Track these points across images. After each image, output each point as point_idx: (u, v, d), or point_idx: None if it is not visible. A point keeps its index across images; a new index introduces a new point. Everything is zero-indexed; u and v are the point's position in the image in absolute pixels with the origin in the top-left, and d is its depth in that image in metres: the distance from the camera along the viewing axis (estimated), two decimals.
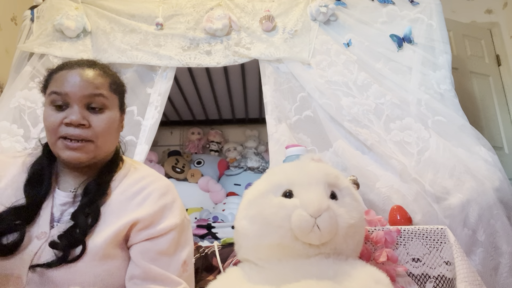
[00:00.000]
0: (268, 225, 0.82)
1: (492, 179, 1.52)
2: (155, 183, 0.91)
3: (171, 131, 2.97)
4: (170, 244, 0.85)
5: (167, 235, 0.85)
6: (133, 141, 1.68)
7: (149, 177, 0.93)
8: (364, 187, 1.54)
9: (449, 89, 1.78)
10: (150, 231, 0.84)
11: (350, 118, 1.68)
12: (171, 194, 0.92)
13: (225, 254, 1.18)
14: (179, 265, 0.85)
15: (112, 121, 0.89)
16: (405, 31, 1.87)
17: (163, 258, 0.84)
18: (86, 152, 0.84)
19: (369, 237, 1.11)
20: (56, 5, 1.86)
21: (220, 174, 2.68)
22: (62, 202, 0.86)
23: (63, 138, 0.83)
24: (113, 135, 0.91)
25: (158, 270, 0.82)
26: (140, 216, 0.84)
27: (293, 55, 1.79)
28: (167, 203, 0.89)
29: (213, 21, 1.79)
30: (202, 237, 1.77)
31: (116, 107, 0.92)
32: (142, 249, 0.83)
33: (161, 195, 0.89)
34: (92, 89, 0.85)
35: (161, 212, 0.87)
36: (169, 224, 0.86)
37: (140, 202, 0.87)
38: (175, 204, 0.91)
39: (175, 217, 0.88)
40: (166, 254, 0.84)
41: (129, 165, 0.96)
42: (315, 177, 0.85)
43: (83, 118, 0.84)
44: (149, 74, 1.80)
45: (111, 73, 0.93)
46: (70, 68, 0.87)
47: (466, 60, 2.60)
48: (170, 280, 0.82)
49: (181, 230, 0.89)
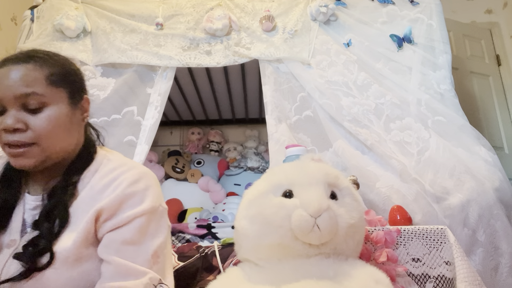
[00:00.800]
0: (268, 225, 0.82)
1: (492, 179, 1.52)
2: (127, 172, 0.84)
3: (171, 131, 2.97)
4: (135, 232, 0.78)
5: (132, 223, 0.78)
6: (133, 141, 1.68)
7: (121, 167, 0.85)
8: (364, 187, 1.54)
9: (449, 89, 1.78)
10: (114, 221, 0.78)
11: (350, 118, 1.68)
12: (144, 181, 0.84)
13: (225, 254, 1.18)
14: (148, 255, 0.78)
15: (56, 118, 0.79)
16: (405, 31, 1.87)
17: (128, 248, 0.77)
18: (31, 157, 0.77)
19: (369, 237, 1.11)
20: (56, 5, 1.86)
21: (220, 174, 2.68)
22: (32, 206, 0.81)
23: (7, 145, 0.77)
24: (62, 132, 0.81)
25: (121, 261, 0.75)
26: (103, 205, 0.78)
27: (293, 55, 1.79)
28: (136, 190, 0.81)
29: (213, 21, 1.79)
30: (202, 237, 1.77)
31: (62, 100, 0.81)
32: (106, 242, 0.77)
33: (132, 183, 0.81)
34: (22, 89, 0.76)
35: (127, 199, 0.79)
36: (135, 211, 0.79)
37: (109, 194, 0.80)
38: (147, 191, 0.83)
39: (145, 204, 0.80)
40: (131, 244, 0.77)
41: (101, 158, 0.88)
42: (315, 177, 0.85)
43: (18, 121, 0.75)
44: (149, 74, 1.80)
45: (51, 62, 0.82)
46: (3, 66, 0.78)
47: (466, 60, 2.60)
48: (135, 271, 0.75)
49: (151, 218, 0.81)
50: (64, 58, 0.87)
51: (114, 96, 1.74)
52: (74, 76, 0.87)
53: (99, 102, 1.71)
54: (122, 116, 1.72)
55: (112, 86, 1.75)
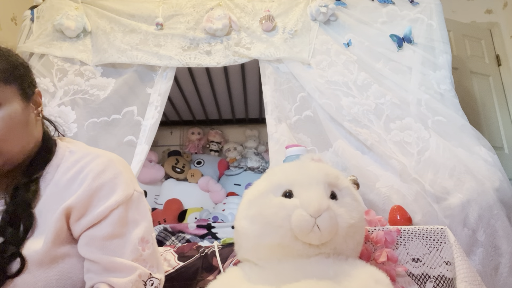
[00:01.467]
0: (268, 225, 0.82)
1: (492, 179, 1.52)
2: (92, 162, 0.79)
3: (171, 131, 2.97)
4: (115, 225, 0.75)
5: (110, 216, 0.75)
6: (133, 141, 1.68)
7: (85, 158, 0.80)
8: (364, 187, 1.54)
9: (449, 89, 1.78)
10: (89, 217, 0.74)
11: (350, 118, 1.68)
12: (112, 169, 0.79)
13: (225, 254, 1.18)
14: (135, 245, 0.76)
15: (11, 118, 0.74)
16: (405, 31, 1.87)
17: (112, 243, 0.74)
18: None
19: (369, 237, 1.11)
20: (56, 5, 1.86)
21: (220, 174, 2.68)
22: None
23: None
24: (19, 131, 0.76)
25: (107, 258, 0.72)
26: (72, 202, 0.74)
27: (293, 55, 1.79)
28: (104, 181, 0.77)
29: (213, 21, 1.79)
30: (202, 237, 1.77)
31: (15, 97, 0.77)
32: (87, 241, 0.74)
33: (98, 174, 0.77)
34: None
35: (97, 192, 0.76)
36: (110, 204, 0.75)
37: (76, 189, 0.76)
38: (117, 179, 0.79)
39: (117, 194, 0.77)
40: (114, 237, 0.74)
41: (63, 151, 0.84)
42: (315, 177, 0.85)
43: None
44: (149, 74, 1.80)
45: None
46: None
47: (466, 60, 2.60)
48: (123, 267, 0.73)
49: (129, 206, 0.78)
50: (8, 50, 0.81)
51: (114, 96, 1.74)
52: (22, 70, 0.81)
53: (99, 102, 1.71)
54: (122, 116, 1.72)
55: (112, 86, 1.75)
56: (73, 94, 1.71)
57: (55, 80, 1.74)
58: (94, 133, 1.67)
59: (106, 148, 1.65)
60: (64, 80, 1.74)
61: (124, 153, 1.64)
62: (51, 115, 1.64)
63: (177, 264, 1.15)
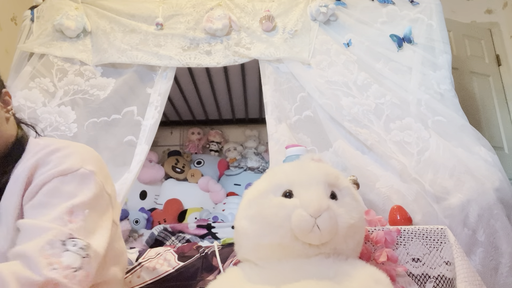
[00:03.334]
0: (268, 225, 0.82)
1: (492, 179, 1.52)
2: (50, 147, 0.80)
3: (171, 131, 2.97)
4: (46, 195, 0.73)
5: (44, 188, 0.74)
6: (133, 141, 1.68)
7: (46, 148, 0.80)
8: (364, 187, 1.54)
9: (449, 89, 1.78)
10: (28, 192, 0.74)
11: (350, 118, 1.68)
12: (66, 149, 0.79)
13: (225, 254, 1.18)
14: (60, 213, 0.71)
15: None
16: (405, 31, 1.87)
17: (36, 211, 0.72)
18: None
19: (369, 237, 1.11)
20: (56, 5, 1.86)
21: (220, 174, 2.68)
22: None
23: None
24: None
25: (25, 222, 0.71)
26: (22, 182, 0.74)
27: (293, 55, 1.79)
28: (52, 158, 0.77)
29: (213, 21, 1.79)
30: (202, 237, 1.77)
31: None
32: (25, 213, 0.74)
33: (49, 153, 0.78)
34: None
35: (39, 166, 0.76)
36: (45, 176, 0.74)
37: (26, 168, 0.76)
38: (66, 158, 0.78)
39: (58, 168, 0.76)
40: (39, 206, 0.73)
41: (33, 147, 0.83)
42: (315, 177, 0.85)
43: None
44: (149, 74, 1.80)
45: None
46: None
47: (466, 60, 2.60)
48: (37, 228, 0.69)
49: (68, 179, 0.76)
50: None
51: (114, 96, 1.74)
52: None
53: (99, 102, 1.71)
54: (122, 116, 1.72)
55: (112, 86, 1.75)
56: (73, 94, 1.72)
57: (55, 80, 1.74)
58: (94, 133, 1.67)
59: (106, 148, 1.66)
60: (64, 80, 1.74)
61: (124, 153, 1.64)
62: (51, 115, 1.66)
63: (177, 264, 1.15)
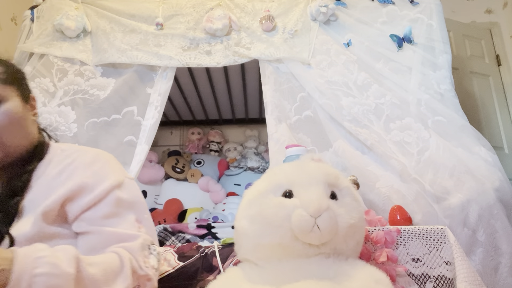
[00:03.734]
0: (268, 225, 0.82)
1: (492, 179, 1.52)
2: (82, 156, 0.88)
3: (171, 131, 2.97)
4: (112, 205, 0.82)
5: (107, 198, 0.82)
6: (133, 141, 1.68)
7: (75, 153, 0.89)
8: (364, 187, 1.54)
9: (449, 89, 1.78)
10: (86, 200, 0.81)
11: (350, 118, 1.68)
12: (101, 160, 0.89)
13: (225, 254, 1.18)
14: (132, 222, 0.83)
15: (12, 113, 0.84)
16: (405, 31, 1.87)
17: (111, 220, 0.81)
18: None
19: (369, 237, 1.11)
20: (56, 5, 1.86)
21: (220, 174, 2.68)
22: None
23: None
24: (18, 127, 0.85)
25: (110, 229, 0.79)
26: (69, 189, 0.81)
27: (293, 55, 1.79)
28: (96, 169, 0.86)
29: (213, 21, 1.79)
30: (202, 237, 1.77)
31: (15, 97, 0.86)
32: (84, 218, 0.81)
33: (88, 164, 0.86)
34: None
35: (91, 180, 0.83)
36: (104, 188, 0.83)
37: (65, 179, 0.83)
38: (106, 167, 0.88)
39: (110, 179, 0.85)
40: (112, 216, 0.81)
41: (55, 149, 0.92)
42: (315, 177, 0.85)
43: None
44: (149, 74, 1.80)
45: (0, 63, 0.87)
46: None
47: (466, 60, 2.60)
48: (127, 235, 0.79)
49: (122, 189, 0.86)
50: (7, 59, 0.91)
51: (114, 96, 1.74)
52: (21, 75, 0.92)
53: (99, 102, 1.71)
54: (122, 116, 1.72)
55: (112, 86, 1.75)
56: (73, 94, 1.72)
57: (55, 80, 1.74)
58: (94, 133, 1.67)
59: (106, 148, 1.65)
60: (64, 80, 1.74)
61: (124, 153, 1.64)
62: (51, 115, 1.65)
63: (177, 264, 1.15)
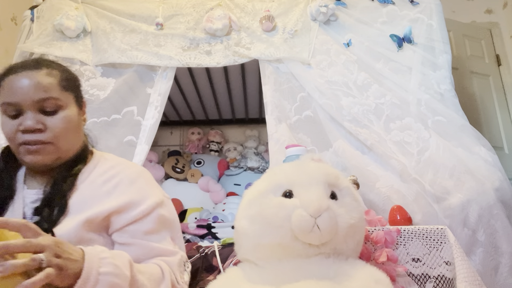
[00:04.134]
0: (268, 225, 0.82)
1: (492, 179, 1.52)
2: (125, 170, 0.93)
3: (171, 131, 2.97)
4: (155, 222, 0.87)
5: (151, 215, 0.87)
6: (133, 141, 1.68)
7: (119, 166, 0.94)
8: (364, 187, 1.54)
9: (449, 89, 1.77)
10: (130, 215, 0.85)
11: (350, 118, 1.68)
12: (143, 178, 0.94)
13: (225, 254, 1.18)
14: (169, 240, 0.89)
15: (69, 119, 0.88)
16: (405, 31, 1.87)
17: (152, 236, 0.86)
18: (47, 154, 0.85)
19: (369, 237, 1.11)
20: (56, 5, 1.86)
21: (220, 174, 2.68)
22: (33, 200, 0.86)
23: (23, 144, 0.83)
24: (73, 132, 0.90)
25: (152, 244, 0.85)
26: (117, 204, 0.85)
27: (293, 55, 1.79)
28: (140, 185, 0.91)
29: (213, 21, 1.79)
30: (202, 237, 1.77)
31: (72, 103, 0.91)
32: (128, 230, 0.85)
33: (132, 181, 0.90)
34: (41, 94, 0.84)
35: (137, 196, 0.88)
36: (150, 204, 0.88)
37: (111, 190, 0.88)
38: (149, 186, 0.93)
39: (154, 197, 0.90)
40: (153, 233, 0.87)
41: (98, 157, 0.97)
42: (315, 177, 0.85)
43: (38, 123, 0.83)
44: (149, 74, 1.80)
45: (60, 69, 0.91)
46: (16, 72, 0.85)
47: (466, 60, 2.60)
48: (167, 251, 0.86)
49: (163, 208, 0.91)
50: (65, 66, 0.95)
51: (114, 96, 1.74)
52: (77, 82, 0.96)
53: (99, 102, 1.71)
54: (122, 116, 1.72)
55: (112, 86, 1.75)
56: None
57: None
58: (94, 133, 1.66)
59: (106, 148, 1.64)
60: None
61: (124, 153, 1.64)
62: None
63: None
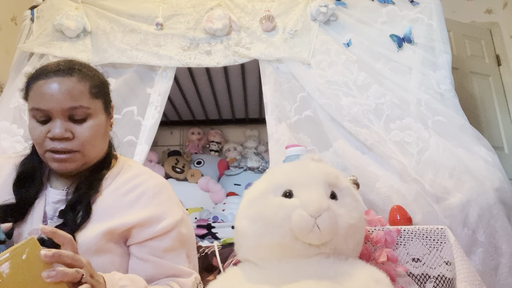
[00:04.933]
0: (268, 225, 0.82)
1: (492, 179, 1.52)
2: (149, 181, 0.92)
3: (171, 131, 2.97)
4: (174, 240, 0.88)
5: (171, 233, 0.88)
6: (133, 141, 1.68)
7: (142, 175, 0.93)
8: (364, 187, 1.54)
9: (449, 89, 1.77)
10: (152, 230, 0.86)
11: (350, 118, 1.68)
12: (166, 192, 0.93)
13: (225, 254, 1.18)
14: (185, 258, 0.89)
15: (97, 127, 0.88)
16: (405, 31, 1.87)
17: (170, 254, 0.87)
18: (73, 161, 0.85)
19: (369, 237, 1.11)
20: (56, 5, 1.86)
21: (220, 174, 2.68)
22: (55, 200, 0.87)
23: (50, 151, 0.83)
24: (100, 140, 0.90)
25: (169, 263, 0.85)
26: (140, 218, 0.85)
27: (293, 55, 1.79)
28: (163, 201, 0.90)
29: (213, 21, 1.79)
30: (202, 237, 1.77)
31: (101, 110, 0.90)
32: (149, 249, 0.85)
33: (155, 194, 0.90)
34: (71, 102, 0.82)
35: (159, 210, 0.88)
36: (171, 222, 0.88)
37: (134, 201, 0.88)
38: (171, 201, 0.93)
39: (175, 214, 0.90)
40: (171, 251, 0.87)
41: (122, 163, 0.96)
42: (315, 177, 0.85)
43: (66, 131, 0.82)
44: (149, 74, 1.80)
45: (91, 75, 0.89)
46: (47, 77, 0.83)
47: (466, 60, 2.60)
48: (182, 271, 0.87)
49: (182, 225, 0.91)
50: (96, 69, 0.94)
51: (114, 96, 1.70)
52: (107, 87, 0.96)
53: None
54: (122, 116, 1.72)
55: (112, 86, 1.72)
56: None
57: None
58: None
59: None
60: None
61: (124, 153, 1.62)
62: None
63: None
